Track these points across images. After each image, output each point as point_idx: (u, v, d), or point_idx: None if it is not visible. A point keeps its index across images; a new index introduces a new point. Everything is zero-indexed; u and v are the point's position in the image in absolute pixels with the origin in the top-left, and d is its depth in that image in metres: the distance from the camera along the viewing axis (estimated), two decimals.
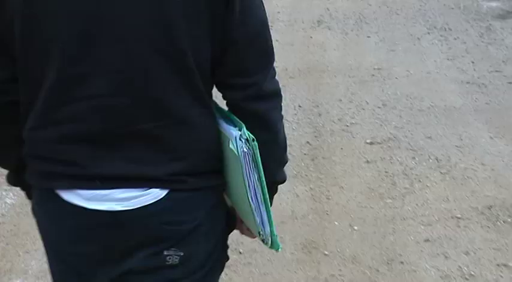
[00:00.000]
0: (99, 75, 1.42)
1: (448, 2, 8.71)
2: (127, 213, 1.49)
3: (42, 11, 1.38)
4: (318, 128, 4.84)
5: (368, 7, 8.60)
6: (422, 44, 6.96)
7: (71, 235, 1.57)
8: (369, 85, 5.73)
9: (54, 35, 1.40)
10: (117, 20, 1.38)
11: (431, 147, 4.49)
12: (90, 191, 1.49)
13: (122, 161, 1.48)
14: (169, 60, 1.42)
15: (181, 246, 1.56)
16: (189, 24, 1.40)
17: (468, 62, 6.26)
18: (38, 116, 1.49)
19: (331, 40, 7.18)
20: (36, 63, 1.45)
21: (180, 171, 1.51)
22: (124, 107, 1.44)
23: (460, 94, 5.46)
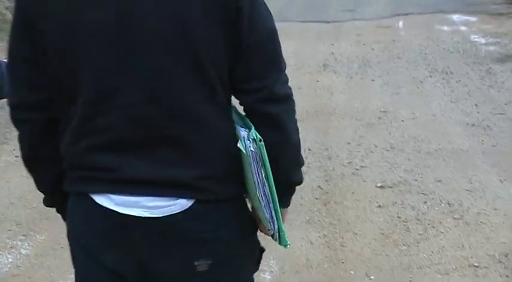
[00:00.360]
0: (129, 87, 1.47)
1: (448, 46, 8.61)
2: (154, 220, 1.52)
3: (73, 33, 1.45)
4: (329, 171, 4.62)
5: (371, 51, 8.53)
6: (426, 86, 6.82)
7: (103, 236, 1.59)
8: (376, 128, 5.55)
9: (86, 55, 1.46)
10: (145, 37, 1.44)
11: (442, 191, 4.24)
12: (121, 196, 1.52)
13: (151, 166, 1.52)
14: (192, 71, 1.47)
15: (209, 253, 1.58)
16: (208, 37, 1.46)
17: (471, 105, 6.09)
18: (75, 129, 1.54)
19: (337, 83, 7.05)
20: (71, 81, 1.50)
21: (205, 176, 1.54)
22: (152, 115, 1.49)
23: (466, 137, 5.25)
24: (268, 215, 1.58)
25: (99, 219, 1.57)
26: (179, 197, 1.52)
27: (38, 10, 1.46)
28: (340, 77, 7.33)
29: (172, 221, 1.52)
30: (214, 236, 1.57)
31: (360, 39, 9.40)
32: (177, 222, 1.52)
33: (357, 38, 9.50)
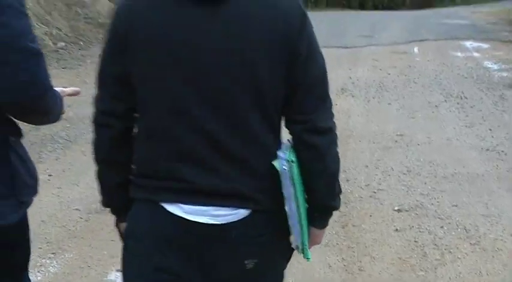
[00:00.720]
0: (199, 108, 1.60)
1: (462, 72, 8.49)
2: (217, 227, 1.65)
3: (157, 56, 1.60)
4: (347, 194, 4.46)
5: (387, 76, 8.44)
6: (441, 111, 6.69)
7: (170, 241, 1.68)
8: (393, 151, 5.42)
9: (164, 78, 1.62)
10: (215, 67, 1.58)
11: (459, 215, 4.08)
12: (191, 206, 1.63)
13: (217, 177, 1.63)
14: (254, 98, 1.61)
15: (256, 254, 1.71)
16: (269, 73, 1.60)
17: (486, 130, 5.94)
18: (150, 140, 1.68)
19: (355, 107, 6.95)
20: (150, 98, 1.65)
21: (260, 188, 1.66)
22: (219, 133, 1.61)
23: (481, 161, 5.10)
24: (294, 230, 1.71)
25: (168, 226, 1.67)
26: (240, 207, 1.65)
27: (127, 35, 1.62)
28: (358, 101, 7.23)
29: (231, 227, 1.66)
30: (261, 240, 1.71)
31: (376, 64, 9.34)
32: (235, 229, 1.66)
33: (373, 63, 9.44)
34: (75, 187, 4.69)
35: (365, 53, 10.30)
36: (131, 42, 1.61)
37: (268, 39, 1.59)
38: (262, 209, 1.68)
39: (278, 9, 1.63)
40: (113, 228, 3.86)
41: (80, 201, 4.42)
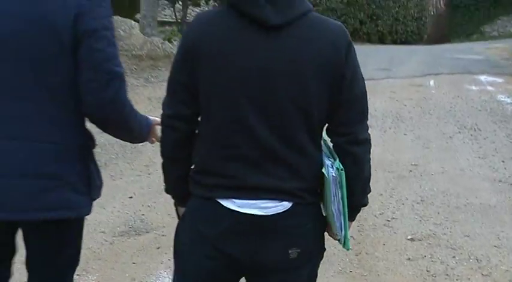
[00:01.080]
0: (256, 120, 1.78)
1: (476, 105, 8.37)
2: (265, 217, 1.81)
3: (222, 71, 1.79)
4: (361, 221, 4.35)
5: (403, 107, 8.36)
6: (455, 142, 6.57)
7: (225, 231, 1.83)
8: (407, 180, 5.31)
9: (228, 93, 1.80)
10: (274, 86, 1.77)
11: (471, 246, 3.94)
12: (242, 200, 1.80)
13: (265, 177, 1.80)
14: (302, 112, 1.79)
15: (299, 244, 1.85)
16: (317, 92, 1.79)
17: (498, 161, 5.81)
18: (210, 142, 1.85)
19: (372, 136, 6.71)
20: (215, 108, 1.82)
21: (302, 188, 1.83)
22: (272, 138, 1.79)
23: (493, 192, 4.95)
24: (338, 224, 1.85)
25: (223, 218, 1.83)
26: (283, 200, 1.82)
27: (197, 51, 1.81)
28: (375, 131, 7.12)
29: (277, 218, 1.82)
30: (302, 231, 1.86)
31: (393, 95, 9.28)
32: (280, 219, 1.82)
33: (391, 94, 9.37)
34: (103, 210, 4.64)
35: (383, 85, 10.23)
36: (200, 58, 1.80)
37: (318, 64, 1.78)
38: (303, 202, 1.85)
39: (327, 37, 1.82)
40: (135, 251, 3.82)
41: (106, 224, 4.37)
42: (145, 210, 4.64)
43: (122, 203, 4.82)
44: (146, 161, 5.97)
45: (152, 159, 6.07)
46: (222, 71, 1.80)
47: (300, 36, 1.79)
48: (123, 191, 5.08)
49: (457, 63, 12.58)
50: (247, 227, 1.83)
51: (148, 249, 3.93)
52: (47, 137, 1.90)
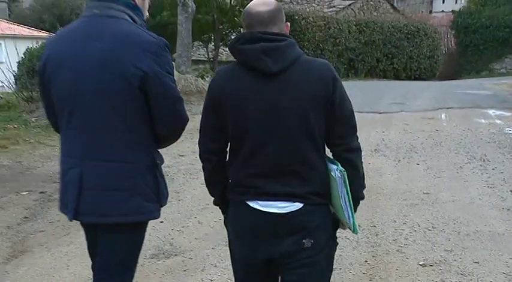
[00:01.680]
0: (271, 144, 2.17)
1: (485, 137, 8.23)
2: (281, 215, 2.17)
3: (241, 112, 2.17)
4: (376, 247, 4.24)
5: (416, 139, 8.26)
6: (465, 172, 6.42)
7: (253, 225, 2.23)
8: (419, 208, 5.16)
9: (248, 124, 2.18)
10: (283, 119, 2.15)
11: (480, 273, 3.77)
12: (264, 201, 2.19)
13: (280, 186, 2.18)
14: (306, 134, 2.17)
15: (311, 235, 2.19)
16: (316, 115, 2.16)
17: (507, 190, 5.64)
18: (239, 165, 2.25)
19: (386, 166, 6.75)
20: (239, 138, 2.22)
21: (310, 192, 2.18)
22: (284, 157, 2.17)
23: (502, 221, 4.79)
24: (346, 215, 2.18)
25: (251, 215, 2.22)
26: (295, 202, 2.17)
27: (220, 100, 2.21)
28: (389, 161, 7.03)
29: (291, 215, 2.17)
30: (314, 225, 2.20)
31: (407, 128, 9.17)
32: (294, 216, 2.17)
33: (404, 127, 9.28)
34: None
35: (397, 118, 10.14)
36: (222, 105, 2.20)
37: (312, 97, 2.15)
38: (311, 203, 2.19)
39: (316, 75, 2.18)
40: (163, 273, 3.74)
41: None
42: (174, 235, 4.58)
43: (153, 227, 4.74)
44: (177, 188, 5.94)
45: (182, 186, 6.04)
46: (240, 113, 2.18)
47: (295, 78, 2.16)
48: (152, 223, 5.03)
49: (467, 98, 12.43)
50: (269, 222, 2.19)
51: (175, 271, 3.87)
52: (124, 158, 2.27)
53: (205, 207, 5.26)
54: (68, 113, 2.28)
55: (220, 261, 4.02)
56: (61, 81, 2.26)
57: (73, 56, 2.23)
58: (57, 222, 4.96)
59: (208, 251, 4.17)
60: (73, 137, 2.31)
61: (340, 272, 3.78)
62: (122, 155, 2.26)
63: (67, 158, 2.36)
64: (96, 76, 2.19)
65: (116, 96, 2.21)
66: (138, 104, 2.24)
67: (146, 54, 2.20)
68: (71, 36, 2.29)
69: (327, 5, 24.69)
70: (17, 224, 4.93)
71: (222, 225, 4.73)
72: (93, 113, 2.23)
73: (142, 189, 2.31)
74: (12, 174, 6.65)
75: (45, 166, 7.04)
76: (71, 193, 2.28)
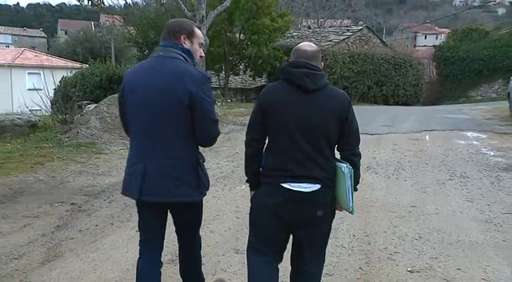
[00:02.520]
0: (301, 140, 2.67)
1: (464, 156, 8.18)
2: (305, 193, 2.66)
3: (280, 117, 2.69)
4: (368, 255, 4.18)
5: (404, 157, 8.22)
6: (447, 187, 6.38)
7: (284, 204, 2.69)
8: (407, 220, 5.10)
9: (287, 127, 2.69)
10: (311, 124, 2.67)
11: (462, 278, 3.71)
12: (294, 183, 2.66)
13: (306, 170, 2.67)
14: (325, 136, 2.69)
15: (323, 208, 2.71)
16: (332, 128, 2.69)
17: (484, 204, 5.57)
18: (274, 152, 2.75)
19: (377, 182, 6.69)
20: (277, 134, 2.72)
21: (325, 177, 2.69)
22: (309, 150, 2.68)
23: (480, 231, 4.72)
24: (349, 200, 2.71)
25: (283, 194, 2.68)
26: (316, 184, 2.67)
27: (267, 106, 2.74)
28: (380, 177, 6.98)
29: (311, 193, 2.68)
30: (326, 201, 2.72)
31: (395, 147, 9.13)
32: (313, 194, 2.68)
33: (393, 147, 9.24)
34: None
35: (386, 139, 10.09)
36: (268, 109, 2.73)
37: (333, 113, 2.70)
38: (325, 185, 2.70)
39: (337, 98, 2.75)
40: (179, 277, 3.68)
41: None
42: None
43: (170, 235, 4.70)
44: None
45: None
46: (282, 116, 2.70)
47: (323, 97, 2.71)
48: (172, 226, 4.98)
49: (448, 122, 12.39)
50: (296, 198, 2.67)
51: None
52: (176, 156, 2.79)
53: (215, 218, 5.22)
54: (137, 124, 2.85)
55: (230, 266, 3.98)
56: (133, 101, 2.82)
57: (142, 84, 2.80)
58: (85, 230, 4.94)
59: (219, 257, 4.13)
60: (139, 141, 2.86)
61: (336, 277, 3.73)
62: (174, 154, 2.78)
63: (134, 155, 2.88)
64: (157, 99, 2.75)
65: (171, 114, 2.75)
66: (186, 119, 2.75)
67: (193, 83, 2.74)
68: (142, 70, 2.88)
69: (324, 39, 24.81)
70: (51, 232, 4.90)
71: (231, 234, 4.71)
72: (154, 124, 2.77)
73: (187, 179, 2.80)
74: (47, 187, 6.65)
75: (76, 180, 7.04)
76: (136, 180, 2.79)
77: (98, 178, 7.15)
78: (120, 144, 9.70)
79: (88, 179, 7.12)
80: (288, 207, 2.67)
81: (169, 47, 2.87)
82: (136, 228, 4.92)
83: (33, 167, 7.73)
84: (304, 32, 28.88)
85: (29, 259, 4.24)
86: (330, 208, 2.75)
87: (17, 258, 4.26)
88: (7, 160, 8.13)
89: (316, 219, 2.70)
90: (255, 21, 18.35)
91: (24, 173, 7.35)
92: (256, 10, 18.34)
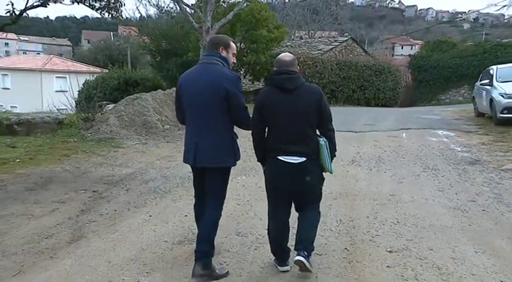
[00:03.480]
0: (290, 125, 3.24)
1: (435, 152, 8.16)
2: (294, 164, 3.23)
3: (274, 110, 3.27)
4: (353, 237, 4.17)
5: (384, 152, 8.19)
6: (421, 178, 6.36)
7: (281, 171, 3.27)
8: (386, 207, 5.08)
9: (277, 118, 3.25)
10: (295, 114, 3.22)
11: (434, 257, 3.71)
12: (286, 156, 3.23)
13: (295, 147, 3.22)
14: (308, 122, 3.26)
15: (310, 175, 3.29)
16: (313, 113, 3.26)
17: (453, 193, 5.57)
18: (272, 138, 3.31)
19: (361, 173, 6.67)
20: (272, 125, 3.30)
21: (309, 151, 3.24)
22: (297, 133, 3.24)
23: (449, 217, 4.71)
24: (327, 164, 3.29)
25: (280, 165, 3.26)
26: (302, 157, 3.22)
27: (263, 105, 3.28)
28: (363, 169, 6.96)
29: (300, 164, 3.23)
30: (312, 169, 3.27)
31: (376, 144, 9.08)
32: (301, 164, 3.23)
33: (374, 143, 9.19)
34: (166, 225, 4.55)
35: (369, 136, 10.06)
36: (264, 108, 3.29)
37: (310, 103, 3.25)
38: (310, 158, 3.24)
39: (312, 93, 3.30)
40: (188, 256, 3.67)
41: (168, 235, 4.27)
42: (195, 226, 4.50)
43: (180, 219, 4.72)
44: None
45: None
46: (273, 111, 3.27)
47: (301, 93, 3.26)
48: (180, 211, 4.98)
49: (422, 121, 12.35)
50: (289, 168, 3.24)
51: None
52: (218, 135, 3.37)
53: None
54: (189, 112, 3.42)
55: (232, 247, 3.97)
56: (187, 97, 3.43)
57: (193, 83, 3.40)
58: (105, 215, 4.93)
59: (222, 239, 4.12)
60: (191, 124, 3.44)
61: (325, 257, 3.73)
62: (217, 133, 3.36)
63: (189, 134, 3.47)
64: (203, 93, 3.33)
65: (213, 104, 3.32)
66: (223, 108, 3.32)
67: (228, 81, 3.31)
68: (192, 73, 3.46)
69: (314, 48, 24.74)
70: (76, 216, 4.89)
71: (233, 219, 4.69)
72: (201, 112, 3.36)
73: (226, 150, 3.40)
74: (72, 176, 6.62)
75: (97, 171, 7.01)
76: (191, 153, 3.40)
77: (116, 169, 7.13)
78: (135, 139, 9.66)
79: (107, 169, 7.10)
80: (285, 174, 3.26)
81: (211, 56, 3.44)
82: (150, 213, 4.94)
83: (60, 158, 7.71)
84: (296, 42, 28.78)
85: (58, 239, 4.23)
86: (316, 175, 3.34)
87: (47, 237, 4.26)
88: (38, 152, 8.10)
89: (306, 183, 3.28)
90: (254, 32, 18.27)
91: (52, 164, 7.33)
92: (255, 22, 18.26)
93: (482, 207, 5.00)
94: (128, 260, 3.73)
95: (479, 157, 7.58)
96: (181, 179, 6.36)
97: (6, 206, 5.17)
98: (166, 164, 7.48)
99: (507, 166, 6.84)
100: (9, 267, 3.64)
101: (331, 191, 5.54)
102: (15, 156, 7.75)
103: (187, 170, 6.91)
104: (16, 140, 9.11)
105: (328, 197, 5.40)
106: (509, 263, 3.58)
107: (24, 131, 9.98)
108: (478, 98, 12.71)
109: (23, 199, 5.44)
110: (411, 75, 28.49)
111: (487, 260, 3.65)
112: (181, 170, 6.74)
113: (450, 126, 11.39)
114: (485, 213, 4.79)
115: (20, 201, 5.35)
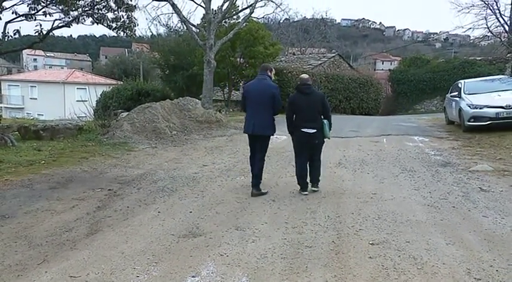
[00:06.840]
0: (307, 111, 5.33)
1: (412, 155, 8.16)
2: (310, 133, 5.33)
3: (299, 105, 5.40)
4: (339, 231, 4.16)
5: (367, 156, 8.18)
6: (399, 179, 6.34)
7: (303, 136, 5.35)
8: (369, 204, 5.07)
9: (299, 108, 5.35)
10: (311, 107, 5.33)
11: (410, 249, 3.69)
12: (307, 129, 5.32)
13: (310, 124, 5.31)
14: (317, 111, 5.36)
15: (318, 139, 5.40)
16: (320, 107, 5.36)
17: (427, 192, 5.55)
18: (298, 119, 5.37)
19: (346, 174, 6.66)
20: (298, 113, 5.41)
21: (317, 127, 5.32)
22: (311, 117, 5.33)
23: (424, 213, 4.70)
24: (327, 133, 5.39)
25: (302, 134, 5.34)
26: (314, 129, 5.32)
27: (293, 103, 5.43)
28: (348, 171, 6.94)
29: (312, 133, 5.33)
30: (319, 136, 5.36)
31: (360, 148, 9.08)
32: (314, 134, 5.33)
33: (358, 147, 9.18)
34: (172, 220, 4.53)
35: (353, 141, 10.05)
36: (294, 105, 5.38)
37: (318, 101, 5.35)
38: (318, 130, 5.30)
39: (319, 95, 5.47)
40: (192, 248, 3.63)
41: (174, 229, 4.24)
42: (199, 221, 4.50)
43: (185, 215, 4.69)
44: (202, 188, 5.87)
45: (205, 187, 5.96)
46: (298, 105, 5.32)
47: (313, 95, 5.34)
48: (186, 208, 4.96)
49: (400, 128, 12.36)
50: (308, 137, 5.31)
51: (200, 247, 3.79)
52: (266, 117, 5.42)
53: (220, 203, 5.19)
54: (249, 105, 5.49)
55: (232, 240, 3.95)
56: (250, 97, 5.47)
57: (252, 88, 5.51)
58: (119, 211, 4.91)
59: (223, 233, 4.11)
60: (250, 112, 5.50)
61: (314, 249, 3.71)
62: (266, 116, 5.41)
63: (249, 116, 5.49)
64: (259, 95, 5.40)
65: (264, 101, 5.36)
66: (270, 103, 5.37)
67: (273, 89, 5.39)
68: (254, 84, 5.56)
69: (305, 63, 24.79)
70: (93, 211, 4.87)
71: (233, 215, 4.68)
72: (257, 105, 5.41)
73: (269, 126, 5.44)
74: (90, 176, 6.60)
75: (112, 171, 6.99)
76: (250, 127, 5.47)
77: (129, 170, 7.11)
78: (146, 143, 9.64)
79: (121, 170, 7.08)
80: (305, 138, 5.35)
81: (263, 75, 5.57)
82: (158, 209, 4.93)
83: (80, 160, 7.68)
84: (290, 58, 28.82)
85: (77, 232, 4.21)
86: (321, 139, 5.44)
87: (68, 231, 4.24)
88: (60, 155, 8.07)
89: (316, 143, 5.41)
90: (252, 48, 18.30)
91: (73, 165, 7.31)
92: (253, 40, 18.30)
93: (452, 204, 5.00)
94: (138, 251, 3.71)
95: (449, 160, 7.58)
96: (187, 180, 6.34)
97: (33, 203, 5.16)
98: (173, 166, 7.46)
99: (474, 168, 6.86)
100: (35, 256, 3.63)
101: (321, 190, 5.52)
102: (40, 158, 7.73)
103: (191, 171, 6.93)
104: (41, 144, 9.09)
105: (319, 196, 5.40)
106: (475, 254, 3.58)
107: (48, 136, 9.97)
108: (448, 108, 12.74)
109: (47, 196, 5.43)
110: (391, 88, 28.53)
111: (456, 251, 3.64)
112: (187, 171, 6.72)
113: (425, 132, 11.40)
114: (454, 210, 4.79)
115: (45, 198, 5.33)
